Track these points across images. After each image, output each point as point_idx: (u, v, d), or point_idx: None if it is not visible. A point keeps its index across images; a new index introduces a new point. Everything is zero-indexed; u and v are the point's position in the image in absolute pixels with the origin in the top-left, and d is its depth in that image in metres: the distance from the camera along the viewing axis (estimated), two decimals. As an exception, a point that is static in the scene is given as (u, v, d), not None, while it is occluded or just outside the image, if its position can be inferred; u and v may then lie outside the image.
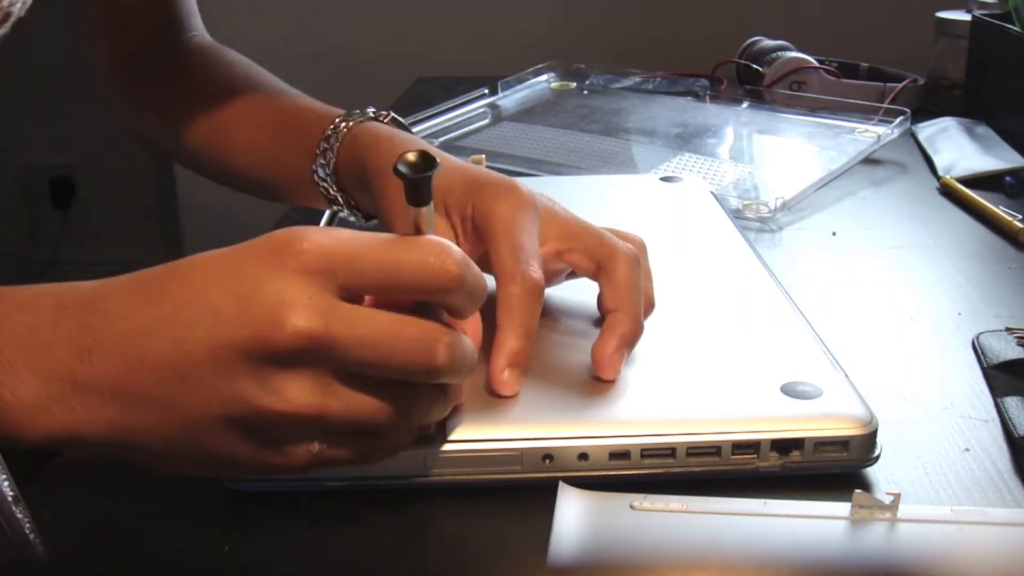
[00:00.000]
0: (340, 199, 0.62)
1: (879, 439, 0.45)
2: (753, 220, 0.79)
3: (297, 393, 0.36)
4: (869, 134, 0.95)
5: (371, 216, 0.63)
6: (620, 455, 0.44)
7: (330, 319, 0.36)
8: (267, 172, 0.67)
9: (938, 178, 0.90)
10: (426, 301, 0.39)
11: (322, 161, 0.61)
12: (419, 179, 0.39)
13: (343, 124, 0.61)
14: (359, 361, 0.37)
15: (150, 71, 0.73)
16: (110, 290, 0.38)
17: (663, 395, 0.47)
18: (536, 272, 0.46)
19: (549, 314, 0.55)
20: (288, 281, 0.36)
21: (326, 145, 0.61)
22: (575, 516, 0.42)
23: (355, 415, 0.37)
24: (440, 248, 0.38)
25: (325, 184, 0.62)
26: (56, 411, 0.36)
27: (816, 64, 1.16)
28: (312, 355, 0.36)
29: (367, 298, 0.39)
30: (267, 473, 0.39)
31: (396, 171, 0.38)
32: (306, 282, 0.36)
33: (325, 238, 0.37)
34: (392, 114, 0.63)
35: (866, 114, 1.00)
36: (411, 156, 0.38)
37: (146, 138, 0.77)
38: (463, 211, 0.51)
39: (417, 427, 0.42)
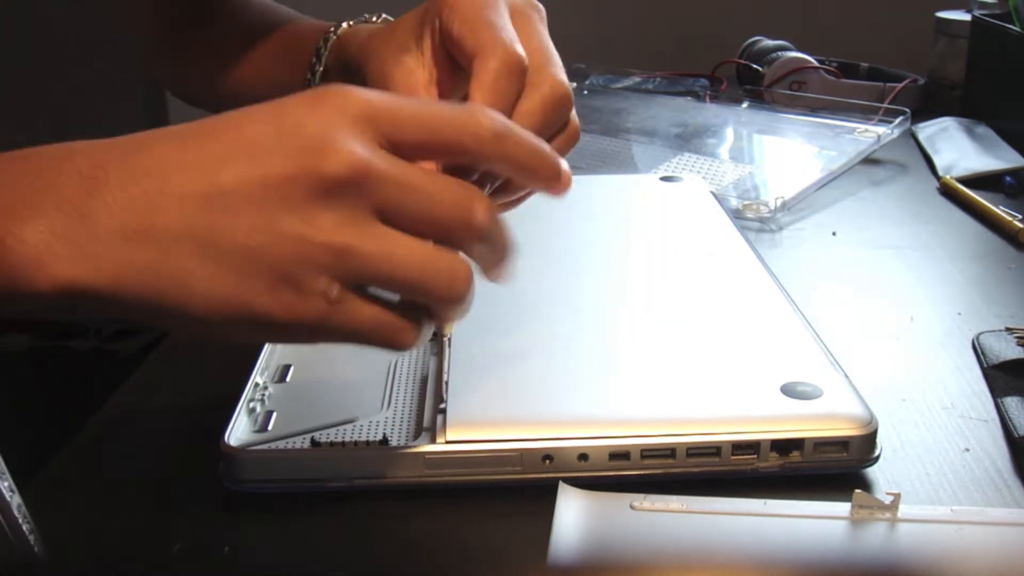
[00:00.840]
0: None
1: (879, 439, 0.45)
2: (753, 220, 0.79)
3: (331, 226, 0.34)
4: (869, 134, 0.95)
5: None
6: (620, 455, 0.44)
7: (373, 155, 0.35)
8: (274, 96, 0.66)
9: (938, 178, 0.90)
10: (464, 166, 0.38)
11: (318, 68, 0.60)
12: None
13: (334, 31, 0.60)
14: (399, 202, 0.35)
15: (185, 26, 0.74)
16: (129, 136, 0.36)
17: (663, 395, 0.47)
18: (520, 49, 0.42)
19: (548, 312, 0.55)
20: (329, 118, 0.35)
21: (315, 59, 0.60)
22: (575, 516, 0.42)
23: (382, 260, 0.35)
24: (478, 106, 0.38)
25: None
26: (62, 251, 0.33)
27: (816, 64, 1.16)
28: (352, 188, 0.34)
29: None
30: (277, 324, 0.35)
31: None
32: (348, 122, 0.35)
33: (367, 91, 0.37)
34: (384, 15, 0.61)
35: (866, 114, 1.00)
36: None
37: (184, 95, 0.78)
38: (432, 34, 0.47)
39: (441, 314, 0.39)
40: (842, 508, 0.42)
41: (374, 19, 0.61)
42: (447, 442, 0.44)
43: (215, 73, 0.70)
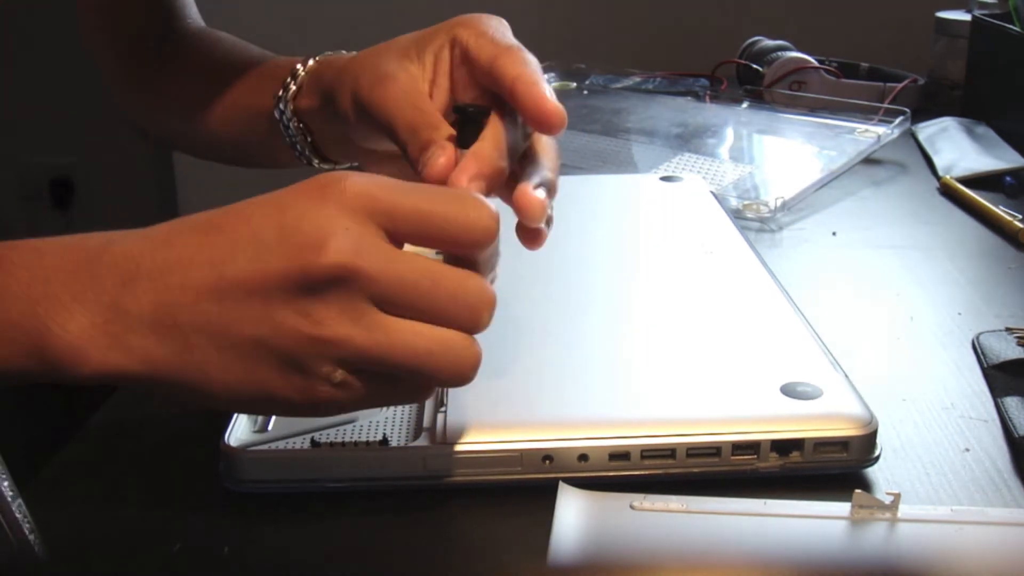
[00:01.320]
0: (297, 134, 0.60)
1: (879, 439, 0.45)
2: (753, 220, 0.79)
3: (327, 319, 0.36)
4: (869, 134, 0.95)
5: (326, 159, 0.61)
6: (620, 456, 0.44)
7: (366, 252, 0.36)
8: (244, 127, 0.66)
9: (938, 178, 0.90)
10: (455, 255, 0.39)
11: (283, 94, 0.60)
12: (476, 113, 0.43)
13: (310, 60, 0.60)
14: (395, 296, 0.37)
15: (152, 62, 0.73)
16: (160, 226, 0.40)
17: (663, 395, 0.47)
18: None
19: (547, 312, 0.55)
20: (328, 213, 0.37)
21: (290, 79, 0.60)
22: (575, 516, 0.42)
23: (381, 351, 0.37)
24: (480, 204, 0.39)
25: (284, 117, 0.60)
26: (101, 341, 0.37)
27: (816, 64, 1.16)
28: (347, 285, 0.36)
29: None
30: (292, 403, 0.38)
31: (456, 107, 0.43)
32: (346, 216, 0.37)
33: (368, 180, 0.38)
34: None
35: (866, 114, 1.00)
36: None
37: (152, 131, 0.78)
38: (438, 51, 0.49)
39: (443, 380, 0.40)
40: (842, 508, 0.42)
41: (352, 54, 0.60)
42: (447, 442, 0.44)
43: (189, 115, 0.70)
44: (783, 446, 0.45)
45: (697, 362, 0.50)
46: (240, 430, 0.46)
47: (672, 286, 0.59)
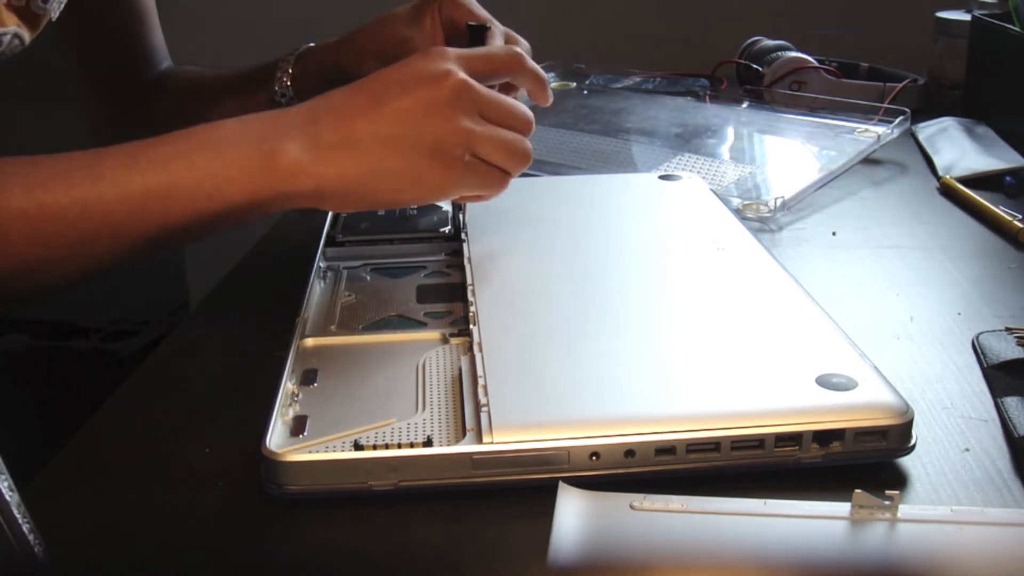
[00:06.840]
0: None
1: (914, 429, 0.46)
2: (753, 220, 0.79)
3: (458, 118, 0.55)
4: (869, 134, 0.95)
5: None
6: (666, 451, 0.44)
7: (471, 81, 0.56)
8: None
9: (938, 178, 0.90)
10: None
11: (279, 85, 0.77)
12: (480, 27, 0.69)
13: (291, 56, 0.78)
14: (491, 109, 0.57)
15: (138, 102, 0.85)
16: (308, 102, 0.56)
17: (703, 391, 0.47)
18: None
19: (575, 311, 0.55)
20: (439, 62, 0.56)
21: (280, 73, 0.77)
22: (575, 516, 0.42)
23: (488, 139, 0.56)
24: (509, 46, 0.64)
25: (284, 99, 0.77)
26: (309, 157, 0.53)
27: (816, 64, 1.16)
28: (466, 97, 0.55)
29: None
30: (435, 182, 0.55)
31: (468, 25, 0.69)
32: (450, 62, 0.56)
33: (451, 50, 0.58)
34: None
35: (866, 114, 1.00)
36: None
37: None
38: (432, 20, 0.73)
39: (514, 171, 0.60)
40: (842, 508, 0.42)
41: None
42: (495, 442, 0.44)
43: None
44: (824, 436, 0.45)
45: (731, 357, 0.50)
46: (278, 435, 0.45)
47: (694, 283, 0.59)
